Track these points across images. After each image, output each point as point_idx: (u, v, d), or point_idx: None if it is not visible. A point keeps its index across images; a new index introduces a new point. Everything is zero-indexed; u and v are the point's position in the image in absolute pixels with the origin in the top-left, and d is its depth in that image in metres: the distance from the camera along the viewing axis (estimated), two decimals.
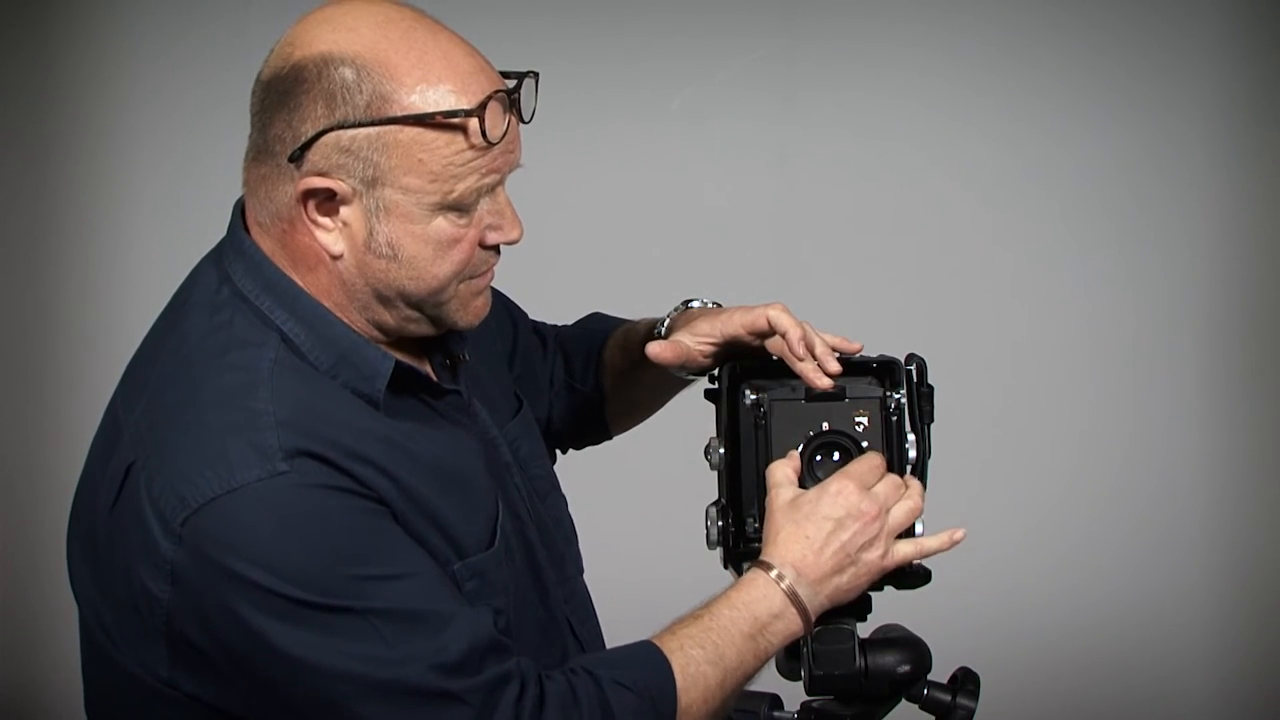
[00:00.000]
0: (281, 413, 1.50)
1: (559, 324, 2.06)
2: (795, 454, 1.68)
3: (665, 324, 1.87)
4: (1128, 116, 3.67)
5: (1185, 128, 3.67)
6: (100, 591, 1.56)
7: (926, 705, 1.74)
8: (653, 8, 3.68)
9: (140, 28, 3.63)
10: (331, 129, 1.51)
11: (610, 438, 2.05)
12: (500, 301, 1.94)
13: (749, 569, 1.66)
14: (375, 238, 1.54)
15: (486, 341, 1.84)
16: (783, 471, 1.68)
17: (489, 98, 1.52)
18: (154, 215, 3.64)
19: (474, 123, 1.52)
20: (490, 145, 1.53)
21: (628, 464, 3.66)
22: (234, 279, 1.59)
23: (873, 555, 1.66)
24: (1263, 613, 3.71)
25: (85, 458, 1.64)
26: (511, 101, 1.55)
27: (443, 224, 1.55)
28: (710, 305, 1.89)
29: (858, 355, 1.75)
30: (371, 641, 1.47)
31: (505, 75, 1.58)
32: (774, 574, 1.63)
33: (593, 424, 2.02)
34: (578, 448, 2.06)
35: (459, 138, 1.52)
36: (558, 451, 2.04)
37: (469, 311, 1.62)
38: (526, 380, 1.94)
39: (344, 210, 1.54)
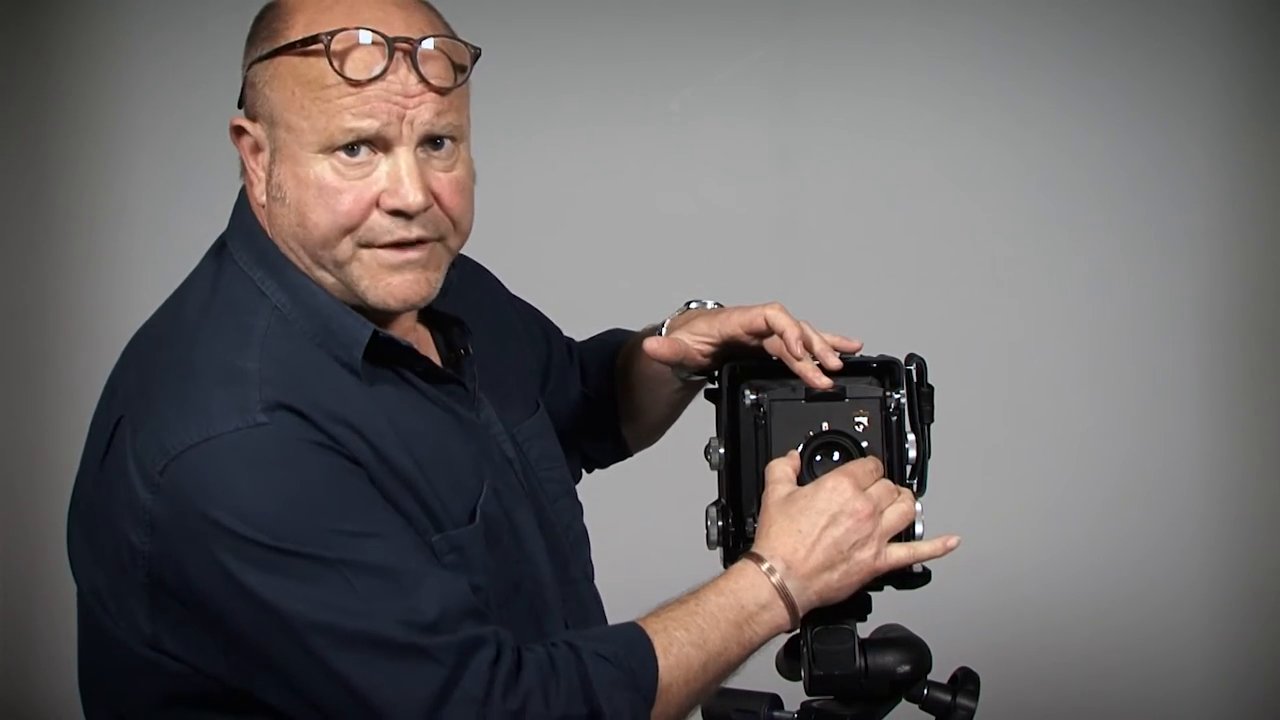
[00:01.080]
0: (267, 372, 1.52)
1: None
2: (795, 453, 1.68)
3: (665, 324, 1.87)
4: (1128, 116, 3.67)
5: (1185, 128, 3.67)
6: (93, 555, 1.57)
7: (926, 705, 1.74)
8: (653, 8, 3.68)
9: (140, 28, 3.63)
10: (250, 66, 1.58)
11: (630, 453, 2.05)
12: (532, 314, 1.96)
13: (741, 559, 1.65)
14: (274, 180, 1.58)
15: (514, 347, 1.85)
16: (781, 469, 1.68)
17: (346, 30, 1.53)
18: (154, 215, 3.64)
19: (333, 56, 1.53)
20: (351, 82, 1.53)
21: (628, 464, 3.66)
22: (234, 253, 1.62)
23: (865, 554, 1.65)
24: (1263, 613, 3.71)
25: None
26: (400, 52, 1.54)
27: (325, 169, 1.55)
28: (711, 306, 1.89)
29: (857, 355, 1.75)
30: (342, 592, 1.47)
31: (453, 40, 1.58)
32: (765, 566, 1.63)
33: (608, 434, 2.01)
34: (603, 465, 2.06)
35: (327, 71, 1.53)
36: (583, 470, 2.03)
37: (380, 287, 1.59)
38: (559, 396, 1.94)
39: (260, 156, 1.59)
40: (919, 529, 1.70)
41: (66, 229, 3.67)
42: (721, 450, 1.73)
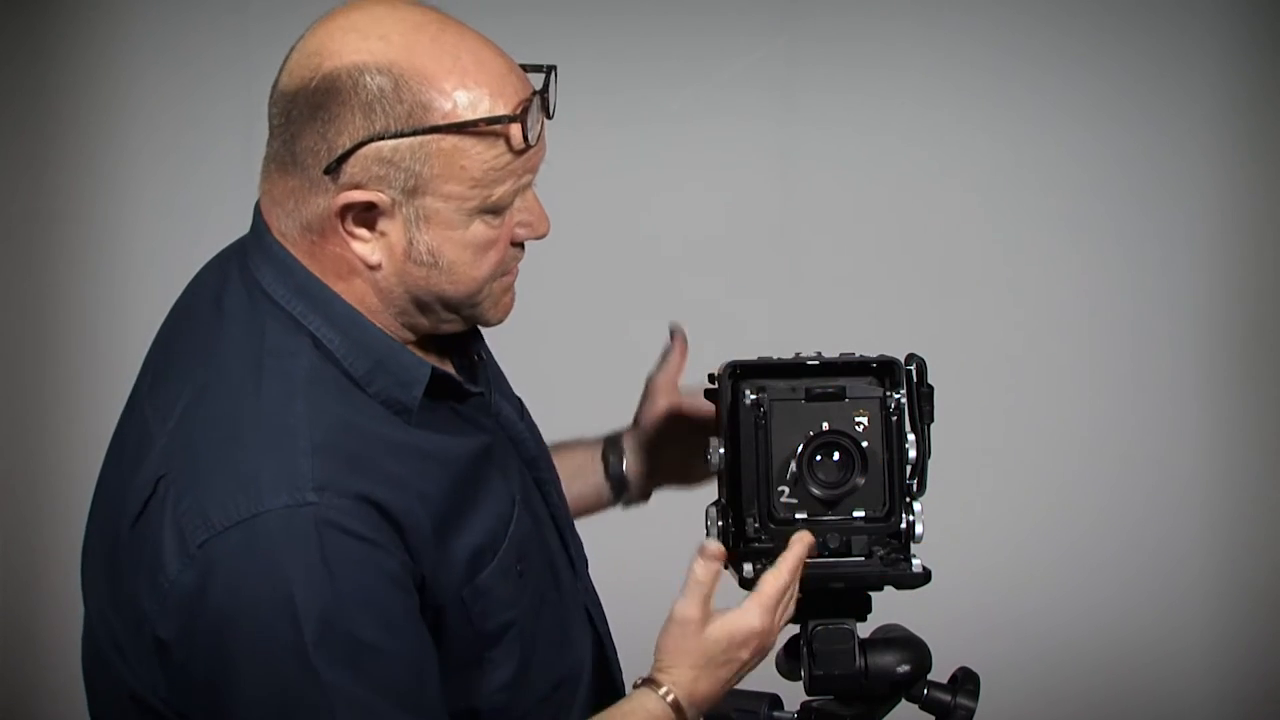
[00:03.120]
0: (316, 434, 1.48)
1: None
2: (698, 597, 1.65)
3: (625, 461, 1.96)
4: (1128, 116, 3.67)
5: (1185, 128, 3.66)
6: (114, 606, 1.54)
7: (926, 705, 1.74)
8: (653, 8, 3.67)
9: (140, 28, 3.63)
10: (371, 140, 1.48)
11: None
12: None
13: (638, 684, 1.65)
14: (415, 246, 1.53)
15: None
16: (688, 610, 1.66)
17: (528, 102, 1.52)
18: (154, 215, 3.63)
19: (515, 128, 1.51)
20: (529, 148, 1.52)
21: None
22: (262, 284, 1.56)
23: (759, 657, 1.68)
24: (1263, 613, 3.70)
25: (104, 458, 1.62)
26: (542, 100, 1.55)
27: (480, 227, 1.54)
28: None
29: (857, 355, 1.75)
30: (346, 711, 1.45)
31: (524, 68, 1.57)
32: (662, 691, 1.64)
33: None
34: None
35: (500, 143, 1.51)
36: None
37: (499, 308, 1.62)
38: None
39: (382, 221, 1.52)
40: (919, 529, 1.70)
41: (66, 229, 3.67)
42: (721, 450, 1.73)
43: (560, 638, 1.70)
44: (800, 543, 1.68)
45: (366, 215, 1.52)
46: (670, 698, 1.62)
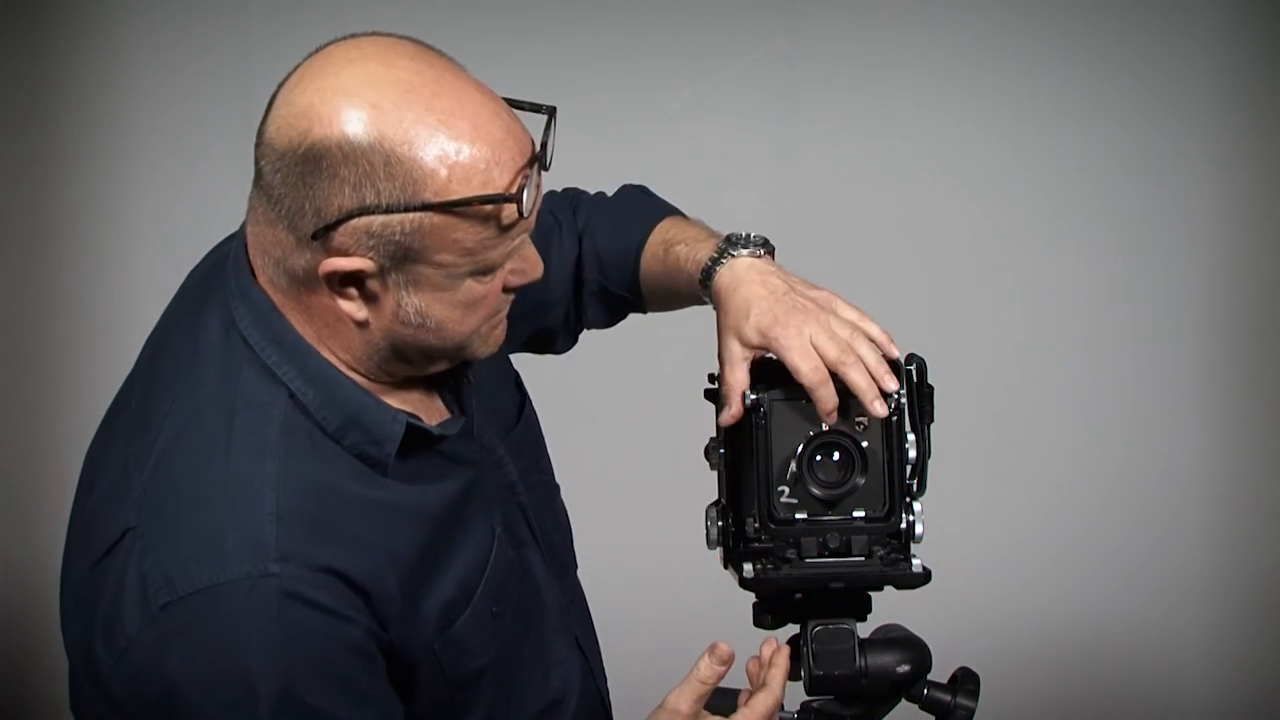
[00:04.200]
0: (284, 498, 1.47)
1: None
2: (695, 690, 1.67)
3: (709, 288, 1.81)
4: (1128, 116, 3.67)
5: (1185, 128, 3.67)
6: (76, 636, 1.53)
7: (926, 705, 1.74)
8: (653, 8, 3.68)
9: (140, 28, 3.63)
10: (360, 213, 1.43)
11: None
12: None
13: None
14: (404, 308, 1.50)
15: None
16: (680, 700, 1.67)
17: (525, 176, 1.47)
18: (154, 215, 3.64)
19: (509, 205, 1.47)
20: (524, 218, 1.49)
21: (628, 464, 3.67)
22: (239, 326, 1.54)
23: None
24: (1263, 613, 3.71)
25: (78, 481, 1.60)
26: (540, 155, 1.51)
27: (472, 286, 1.51)
28: (760, 251, 1.86)
29: None
30: None
31: (516, 105, 1.53)
32: None
33: (627, 313, 1.99)
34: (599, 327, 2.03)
35: (493, 218, 1.47)
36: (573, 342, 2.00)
37: (489, 343, 1.59)
38: (540, 295, 1.86)
39: (370, 284, 1.49)
40: (919, 529, 1.70)
41: (66, 229, 3.67)
42: (721, 450, 1.73)
43: (544, 666, 1.70)
44: (783, 656, 1.70)
45: (354, 278, 1.49)
46: None
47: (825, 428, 1.69)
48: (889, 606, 1.76)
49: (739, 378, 1.70)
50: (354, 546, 1.48)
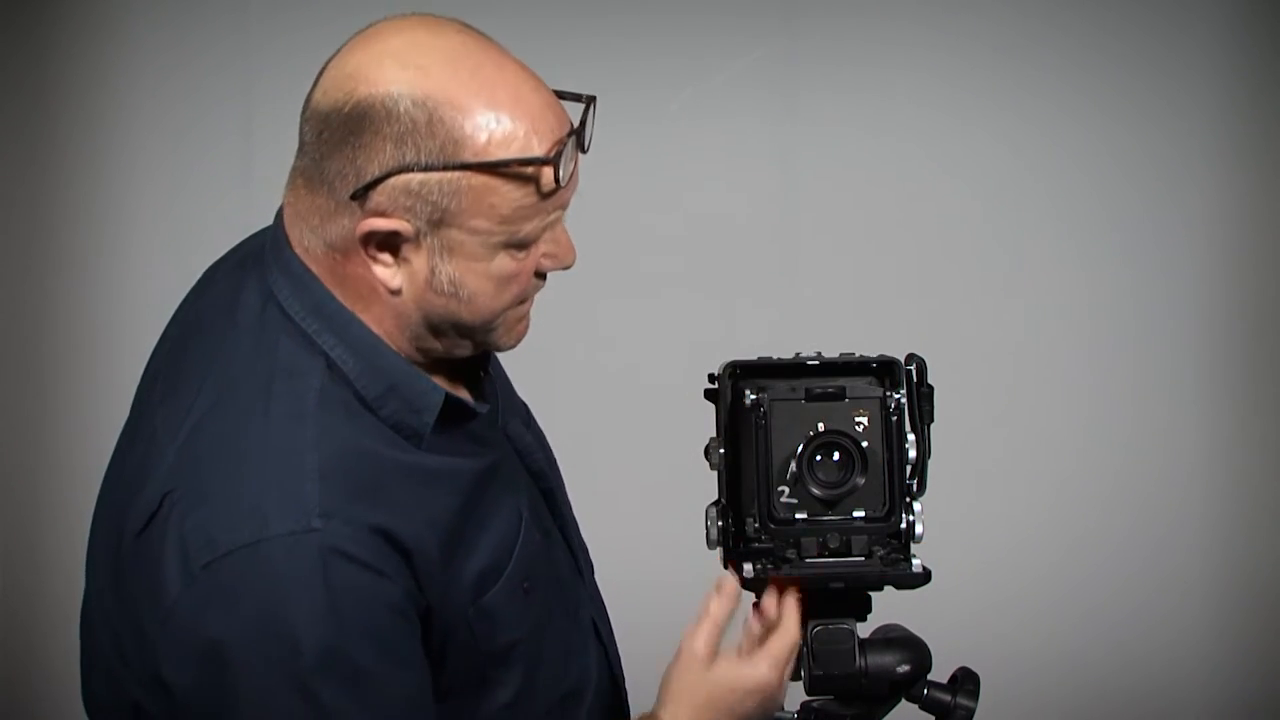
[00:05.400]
0: (324, 459, 1.48)
1: None
2: (714, 622, 1.67)
3: None
4: (1128, 116, 3.67)
5: (1185, 128, 3.66)
6: (118, 603, 1.53)
7: (926, 705, 1.74)
8: (653, 8, 3.67)
9: (140, 28, 3.63)
10: (400, 171, 1.47)
11: None
12: None
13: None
14: (437, 276, 1.52)
15: None
16: (698, 644, 1.67)
17: (563, 143, 1.52)
18: (154, 216, 3.64)
19: (546, 170, 1.50)
20: (560, 188, 1.52)
21: (628, 464, 3.67)
22: (279, 298, 1.56)
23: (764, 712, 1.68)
24: (1263, 613, 3.70)
25: (111, 456, 1.61)
26: (578, 136, 1.55)
27: (505, 260, 1.54)
28: None
29: (857, 355, 1.75)
30: None
31: (560, 95, 1.57)
32: None
33: None
34: None
35: (530, 183, 1.51)
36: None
37: (513, 335, 1.62)
38: None
39: (405, 248, 1.51)
40: (919, 529, 1.70)
41: (66, 229, 3.67)
42: (721, 450, 1.73)
43: (566, 652, 1.70)
44: (793, 597, 1.70)
45: (390, 241, 1.52)
46: None
47: (825, 428, 1.70)
48: (889, 606, 1.76)
49: None
50: (395, 507, 1.50)
